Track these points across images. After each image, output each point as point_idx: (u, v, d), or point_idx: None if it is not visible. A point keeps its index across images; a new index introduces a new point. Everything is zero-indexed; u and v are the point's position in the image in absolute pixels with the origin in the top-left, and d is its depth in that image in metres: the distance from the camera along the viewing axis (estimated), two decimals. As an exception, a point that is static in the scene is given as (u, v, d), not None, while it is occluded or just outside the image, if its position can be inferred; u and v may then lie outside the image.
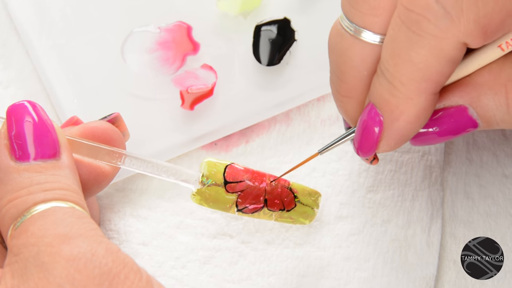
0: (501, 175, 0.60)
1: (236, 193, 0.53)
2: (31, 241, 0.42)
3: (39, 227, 0.42)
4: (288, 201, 0.54)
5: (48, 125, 0.46)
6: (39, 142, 0.45)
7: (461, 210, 0.59)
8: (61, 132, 0.47)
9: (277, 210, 0.54)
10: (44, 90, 0.59)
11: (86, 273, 0.41)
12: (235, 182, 0.53)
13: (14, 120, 0.46)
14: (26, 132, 0.46)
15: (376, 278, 0.57)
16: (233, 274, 0.57)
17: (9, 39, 0.60)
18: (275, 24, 0.59)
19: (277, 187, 0.54)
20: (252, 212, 0.54)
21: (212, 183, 0.53)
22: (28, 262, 0.41)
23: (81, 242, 0.42)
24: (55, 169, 0.45)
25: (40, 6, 0.60)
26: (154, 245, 0.57)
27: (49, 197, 0.44)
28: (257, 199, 0.53)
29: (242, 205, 0.53)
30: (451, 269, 0.58)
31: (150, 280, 0.42)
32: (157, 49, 0.59)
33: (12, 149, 0.45)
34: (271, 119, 0.60)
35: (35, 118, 0.46)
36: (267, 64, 0.59)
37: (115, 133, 0.51)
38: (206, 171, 0.53)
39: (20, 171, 0.45)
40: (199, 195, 0.53)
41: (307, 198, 0.55)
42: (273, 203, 0.54)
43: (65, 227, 0.42)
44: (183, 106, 0.58)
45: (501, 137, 0.60)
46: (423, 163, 0.59)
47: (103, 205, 0.58)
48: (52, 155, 0.46)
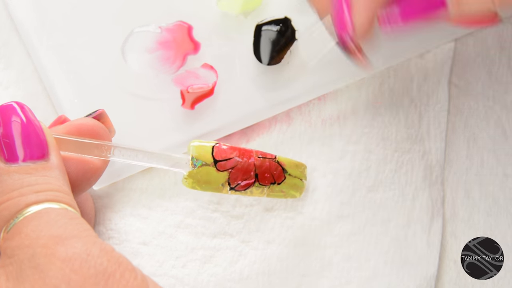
0: (502, 175, 0.60)
1: (227, 170, 0.53)
2: (26, 242, 0.42)
3: (32, 228, 0.42)
4: (277, 174, 0.55)
5: (36, 126, 0.46)
6: (28, 143, 0.45)
7: (461, 210, 0.59)
8: (49, 133, 0.47)
9: (268, 184, 0.54)
10: (45, 90, 0.59)
11: (82, 273, 0.41)
12: (224, 160, 0.53)
13: (1, 121, 0.46)
14: (14, 133, 0.45)
15: (376, 278, 0.57)
16: (233, 274, 0.57)
17: (10, 40, 0.61)
18: (276, 24, 0.59)
19: (265, 161, 0.54)
20: (245, 189, 0.54)
21: (202, 164, 0.53)
22: (23, 264, 0.41)
23: (75, 243, 0.42)
24: (45, 170, 0.45)
25: (41, 6, 0.60)
26: (154, 244, 0.57)
27: (41, 199, 0.44)
28: (248, 174, 0.54)
29: (235, 182, 0.54)
30: (452, 269, 0.58)
31: (145, 279, 0.42)
32: (157, 49, 0.59)
33: (1, 150, 0.45)
34: (272, 118, 0.60)
35: (23, 119, 0.46)
36: (268, 63, 0.59)
37: (101, 129, 0.51)
38: (195, 153, 0.53)
39: (10, 173, 0.44)
40: (191, 178, 0.53)
41: (294, 169, 0.56)
42: (264, 177, 0.54)
43: (59, 228, 0.42)
44: (184, 105, 0.58)
45: (502, 136, 0.60)
46: (423, 163, 0.59)
47: (103, 204, 0.58)
48: (41, 156, 0.46)
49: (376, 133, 0.60)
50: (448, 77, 0.61)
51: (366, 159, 0.59)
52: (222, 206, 0.58)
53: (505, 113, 0.61)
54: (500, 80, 0.61)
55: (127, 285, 0.41)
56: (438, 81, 0.61)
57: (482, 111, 0.61)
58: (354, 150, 0.59)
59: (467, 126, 0.61)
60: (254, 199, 0.58)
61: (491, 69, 0.61)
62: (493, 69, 0.61)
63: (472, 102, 0.61)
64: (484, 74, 0.61)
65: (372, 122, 0.60)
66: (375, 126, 0.60)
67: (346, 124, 0.60)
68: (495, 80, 0.61)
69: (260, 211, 0.58)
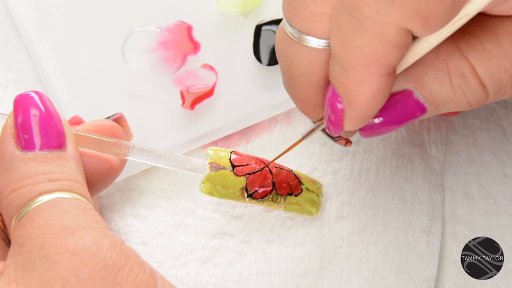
0: (502, 175, 0.60)
1: (245, 176, 0.53)
2: (37, 232, 0.42)
3: (44, 218, 0.42)
4: (294, 185, 0.55)
5: (54, 116, 0.46)
6: (45, 133, 0.45)
7: (461, 210, 0.59)
8: (67, 124, 0.47)
9: (285, 194, 0.54)
10: (45, 90, 0.59)
11: (91, 266, 0.41)
12: (242, 165, 0.53)
13: (21, 110, 0.46)
14: (33, 122, 0.45)
15: (376, 278, 0.57)
16: (233, 274, 0.57)
17: (10, 39, 0.61)
18: (276, 24, 0.59)
19: (282, 171, 0.54)
20: (262, 197, 0.54)
21: (220, 168, 0.53)
22: (32, 254, 0.41)
23: (86, 235, 0.42)
24: (60, 160, 0.45)
25: (41, 6, 0.60)
26: (154, 244, 0.57)
27: (55, 188, 0.44)
28: (266, 181, 0.54)
29: (252, 189, 0.53)
30: (452, 269, 0.58)
31: (154, 273, 0.42)
32: (157, 49, 0.59)
33: (18, 138, 0.45)
34: (272, 118, 0.60)
35: (41, 108, 0.46)
36: (268, 63, 0.59)
37: (119, 131, 0.51)
38: (213, 157, 0.53)
39: (26, 160, 0.44)
40: (209, 182, 0.53)
41: (311, 184, 0.56)
42: (281, 186, 0.54)
43: (70, 218, 0.42)
44: (184, 106, 0.58)
45: (502, 137, 0.60)
46: (423, 163, 0.59)
47: (103, 204, 0.58)
48: (58, 145, 0.46)
49: (376, 133, 0.60)
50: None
51: (366, 160, 0.59)
52: (222, 206, 0.58)
53: (505, 113, 0.61)
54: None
55: (136, 279, 0.41)
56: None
57: (482, 112, 0.61)
58: (354, 150, 0.59)
59: (467, 126, 0.61)
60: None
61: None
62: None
63: (472, 102, 0.61)
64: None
65: (372, 122, 0.60)
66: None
67: (346, 124, 0.60)
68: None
69: (260, 211, 0.58)
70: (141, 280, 0.42)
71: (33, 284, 0.41)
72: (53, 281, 0.41)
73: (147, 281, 0.42)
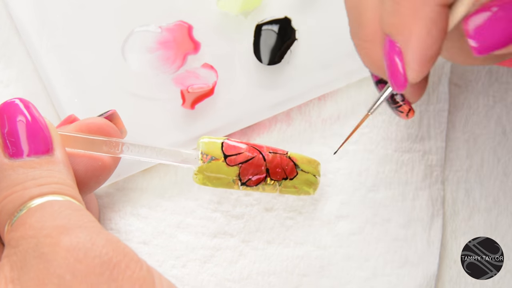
0: (502, 174, 0.60)
1: (237, 165, 0.53)
2: (30, 233, 0.42)
3: (36, 219, 0.42)
4: (289, 169, 0.55)
5: (40, 122, 0.46)
6: (32, 139, 0.46)
7: (461, 209, 0.59)
8: (53, 128, 0.47)
9: (280, 179, 0.54)
10: (45, 89, 0.59)
11: (87, 262, 0.41)
12: (234, 154, 0.53)
13: (6, 118, 0.46)
14: (19, 129, 0.46)
15: (376, 278, 0.57)
16: (233, 273, 0.57)
17: (10, 39, 0.61)
18: (276, 23, 0.59)
19: (276, 156, 0.54)
20: (256, 184, 0.54)
21: (212, 158, 0.53)
22: (27, 254, 0.41)
23: (80, 233, 0.42)
24: (49, 165, 0.45)
25: (41, 6, 0.60)
26: (154, 244, 0.57)
27: (45, 191, 0.44)
28: (259, 169, 0.54)
29: (245, 177, 0.53)
30: (452, 268, 0.58)
31: (151, 270, 0.42)
32: (157, 49, 0.59)
33: (5, 146, 0.45)
34: (272, 118, 0.60)
35: (27, 115, 0.46)
36: (268, 63, 0.59)
37: (111, 128, 0.51)
38: (204, 148, 0.53)
39: (15, 168, 0.45)
40: (201, 173, 0.53)
41: (307, 165, 0.55)
42: (275, 171, 0.54)
43: (63, 218, 0.42)
44: (184, 105, 0.58)
45: (502, 136, 0.60)
46: (423, 162, 0.59)
47: (103, 204, 0.58)
48: (45, 151, 0.46)
49: (376, 133, 0.60)
50: (448, 76, 0.61)
51: (366, 159, 0.59)
52: (222, 205, 0.58)
53: (505, 113, 0.61)
54: (500, 80, 0.61)
55: (133, 275, 0.41)
56: (439, 80, 0.61)
57: (482, 110, 0.61)
58: (354, 150, 0.59)
59: (467, 125, 0.61)
60: (254, 198, 0.58)
61: (491, 68, 0.61)
62: (493, 69, 0.61)
63: (472, 101, 0.61)
64: (484, 74, 0.61)
65: (372, 122, 0.60)
66: (375, 126, 0.60)
67: (346, 124, 0.60)
68: (495, 79, 0.61)
69: (260, 211, 0.58)
70: (138, 276, 0.41)
71: (29, 283, 0.41)
72: (49, 279, 0.41)
73: (144, 278, 0.42)
